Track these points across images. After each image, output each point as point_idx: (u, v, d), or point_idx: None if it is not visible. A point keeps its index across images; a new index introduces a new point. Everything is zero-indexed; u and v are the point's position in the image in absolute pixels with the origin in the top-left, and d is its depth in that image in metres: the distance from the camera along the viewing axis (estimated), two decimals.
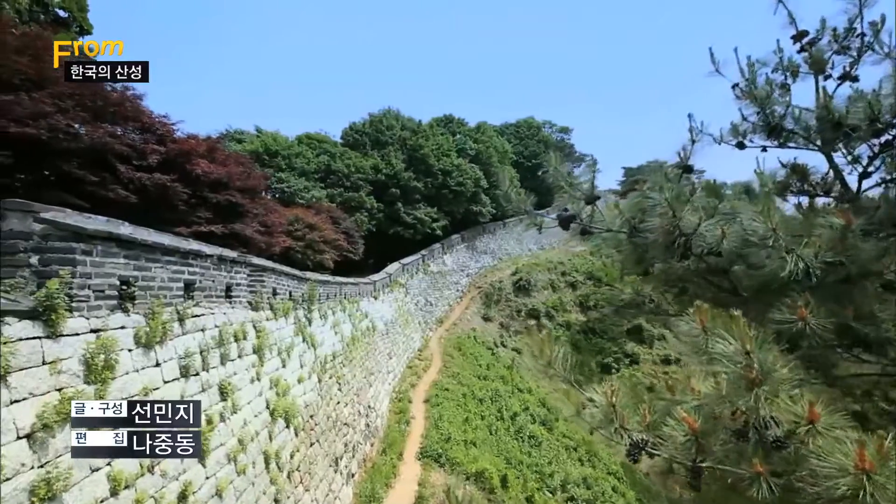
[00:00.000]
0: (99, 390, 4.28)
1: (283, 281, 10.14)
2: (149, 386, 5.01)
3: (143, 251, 5.28)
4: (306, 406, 9.85)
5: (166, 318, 5.57)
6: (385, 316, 23.45)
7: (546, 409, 26.42)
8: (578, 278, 41.38)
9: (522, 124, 58.25)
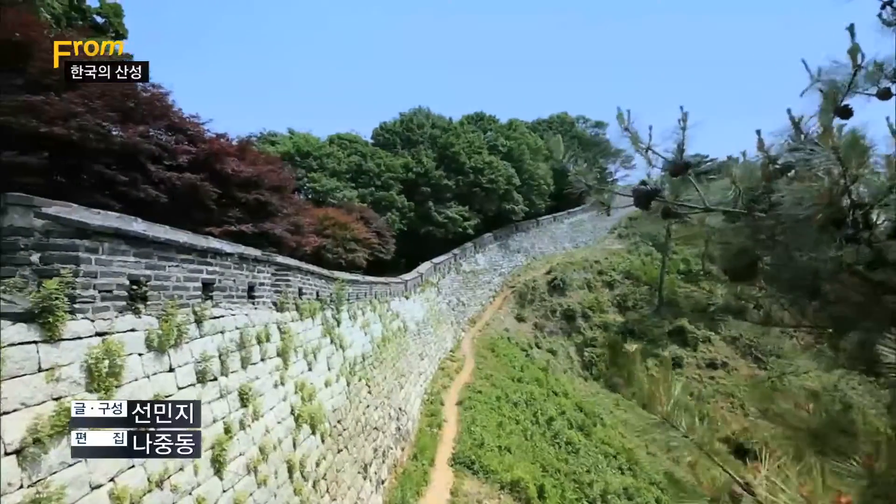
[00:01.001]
0: (102, 399, 3.95)
1: (309, 280, 9.83)
2: (160, 393, 4.68)
3: (155, 249, 4.97)
4: (334, 410, 9.49)
5: (181, 320, 5.25)
6: (416, 316, 23.08)
7: (583, 414, 25.39)
8: (616, 277, 39.85)
9: (555, 120, 56.85)
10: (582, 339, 33.92)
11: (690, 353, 31.40)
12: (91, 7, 13.73)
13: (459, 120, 43.26)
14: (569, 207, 52.29)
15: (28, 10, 9.21)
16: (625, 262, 42.76)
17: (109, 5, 13.95)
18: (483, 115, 45.71)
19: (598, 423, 25.12)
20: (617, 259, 43.71)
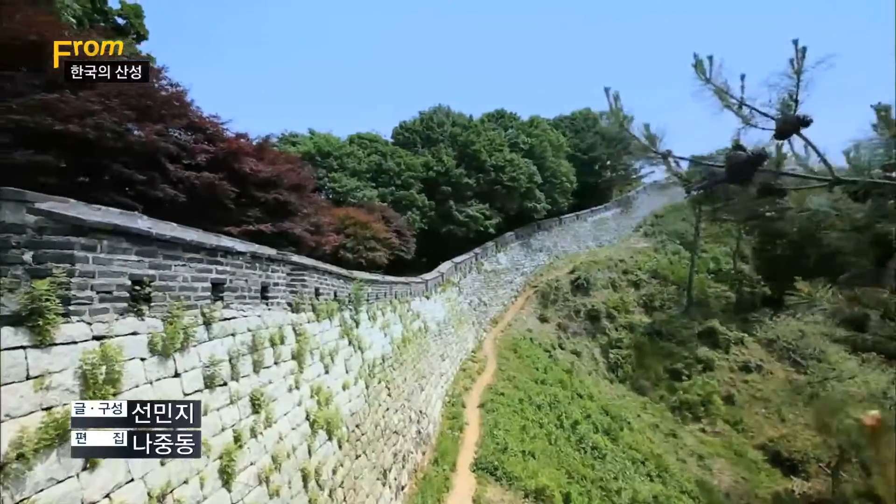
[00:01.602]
0: None
1: (326, 280, 9.55)
2: (164, 400, 4.39)
3: (160, 247, 4.70)
4: (352, 414, 9.18)
5: (188, 322, 4.98)
6: (437, 316, 22.72)
7: (609, 418, 24.59)
8: (642, 277, 38.69)
9: (578, 116, 55.62)
10: (607, 340, 32.99)
11: (722, 355, 30.13)
12: (112, 9, 13.83)
13: (480, 118, 42.75)
14: (592, 205, 51.19)
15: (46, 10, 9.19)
16: (651, 260, 41.51)
17: (130, 6, 14.02)
18: (504, 113, 45.08)
19: (624, 428, 24.30)
20: (643, 258, 42.49)
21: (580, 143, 51.42)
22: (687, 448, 24.22)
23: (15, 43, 7.88)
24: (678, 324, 32.95)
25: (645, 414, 27.28)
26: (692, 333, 31.89)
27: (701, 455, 23.62)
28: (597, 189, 53.73)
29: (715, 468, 22.87)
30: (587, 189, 50.15)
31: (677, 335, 32.05)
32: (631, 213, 55.00)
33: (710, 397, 27.15)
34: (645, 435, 24.76)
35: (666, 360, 30.80)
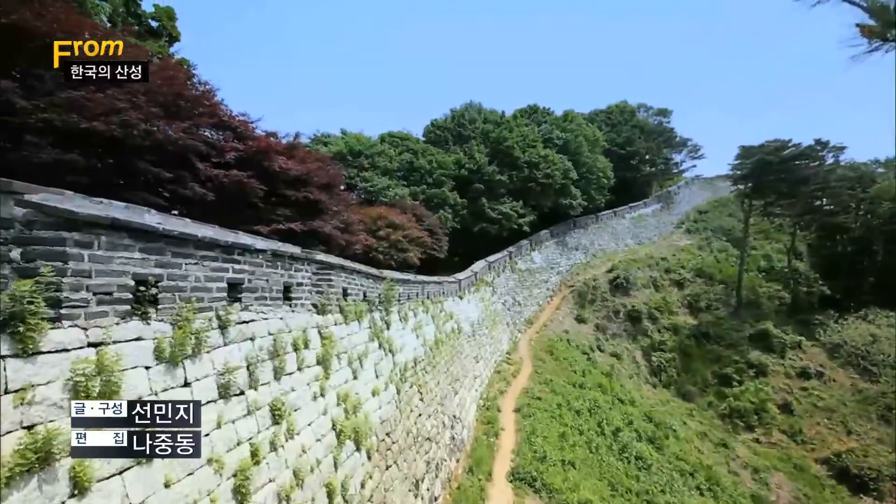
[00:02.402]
0: None
1: (355, 280, 9.09)
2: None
3: (169, 244, 4.29)
4: (382, 422, 8.68)
5: (201, 326, 4.55)
6: (471, 316, 22.08)
7: (653, 425, 23.29)
8: (685, 275, 36.74)
9: (614, 109, 53.73)
10: (649, 343, 31.43)
11: (776, 360, 28.07)
12: (146, 12, 13.95)
13: (512, 114, 41.83)
14: (630, 202, 49.28)
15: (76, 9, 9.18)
16: (695, 258, 39.42)
17: (162, 9, 14.11)
18: (537, 108, 44.01)
19: (670, 436, 22.96)
20: (686, 256, 40.43)
21: (616, 138, 49.61)
22: (740, 459, 22.60)
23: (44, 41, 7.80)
24: (727, 325, 31.01)
25: (692, 421, 25.72)
26: (743, 336, 29.91)
27: (756, 468, 21.95)
28: (635, 184, 51.69)
29: (772, 482, 21.18)
30: (625, 185, 48.30)
31: (726, 338, 30.15)
32: (672, 209, 52.60)
33: (764, 405, 25.29)
34: (692, 444, 23.30)
35: (714, 364, 29.01)
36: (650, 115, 56.60)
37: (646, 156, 51.03)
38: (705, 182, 60.90)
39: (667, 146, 54.61)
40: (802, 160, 32.16)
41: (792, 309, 30.99)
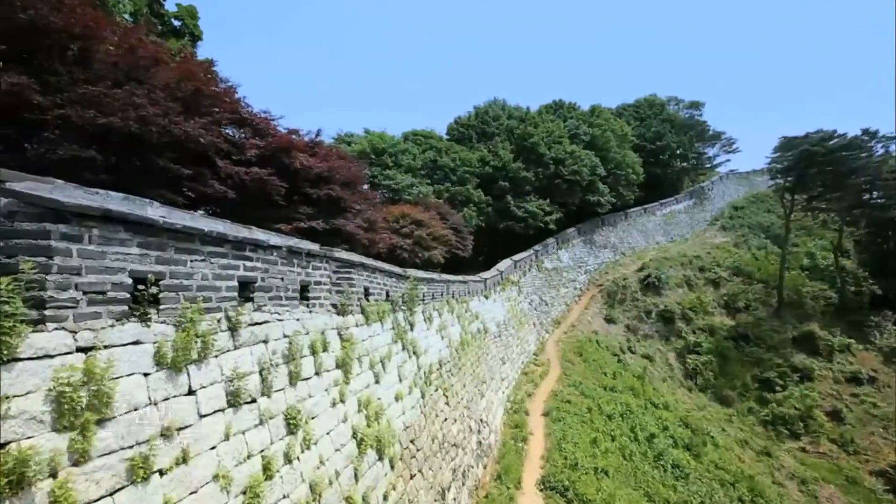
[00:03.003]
0: (77, 442, 2.88)
1: (377, 279, 8.67)
2: (172, 424, 3.59)
3: (171, 238, 3.92)
4: (406, 428, 8.23)
5: (208, 328, 4.18)
6: (497, 317, 21.49)
7: (690, 431, 22.16)
8: (721, 274, 35.13)
9: (643, 103, 52.03)
10: (683, 344, 30.11)
11: (823, 364, 26.38)
12: (169, 11, 13.93)
13: (537, 110, 40.97)
14: (660, 198, 47.61)
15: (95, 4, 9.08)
16: (732, 256, 37.67)
17: (185, 8, 14.07)
18: (562, 103, 42.96)
19: (708, 443, 21.80)
20: (721, 253, 38.69)
21: (646, 132, 48.02)
22: (785, 470, 21.25)
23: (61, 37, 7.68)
24: (767, 327, 29.40)
25: (731, 428, 24.41)
26: (785, 338, 28.29)
27: (803, 479, 20.58)
28: (666, 180, 49.90)
29: (822, 495, 19.81)
30: (654, 180, 46.68)
31: (767, 340, 28.57)
32: (705, 206, 50.58)
33: (811, 412, 23.76)
34: (733, 452, 22.07)
35: (754, 367, 27.52)
36: (681, 108, 54.62)
37: (677, 150, 49.14)
38: (741, 177, 58.39)
39: (699, 140, 52.61)
40: (850, 151, 30.13)
41: (839, 310, 29.12)
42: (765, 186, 51.13)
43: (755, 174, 58.69)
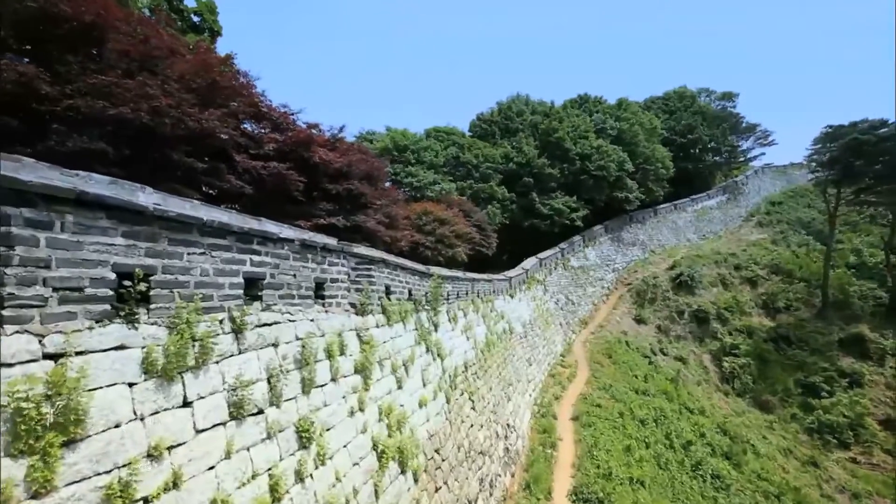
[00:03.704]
0: (37, 470, 2.38)
1: (399, 276, 8.12)
2: (161, 443, 3.08)
3: (164, 228, 3.43)
4: (430, 437, 7.66)
5: (207, 330, 3.68)
6: (522, 316, 20.76)
7: (729, 438, 20.96)
8: (759, 272, 33.42)
9: (672, 96, 50.23)
10: (719, 346, 28.69)
11: (874, 368, 24.63)
12: (188, 7, 13.74)
13: (562, 104, 39.87)
14: (691, 193, 45.83)
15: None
16: (770, 254, 35.83)
17: (204, 3, 13.87)
18: (587, 98, 41.74)
19: (748, 451, 20.56)
20: (759, 251, 36.87)
21: (675, 125, 46.33)
22: (834, 482, 19.83)
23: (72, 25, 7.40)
24: (811, 328, 27.71)
25: (773, 436, 23.02)
26: (831, 340, 26.58)
27: (855, 492, 19.15)
28: (697, 175, 48.05)
29: None
30: (685, 175, 44.97)
31: (811, 342, 26.92)
32: (740, 201, 48.47)
33: (861, 420, 22.16)
34: (776, 462, 20.77)
35: (797, 371, 25.94)
36: (713, 99, 52.53)
37: (709, 144, 47.20)
38: (777, 170, 55.78)
39: (732, 132, 50.40)
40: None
41: (890, 310, 27.19)
42: (804, 180, 48.64)
43: (793, 168, 56.00)
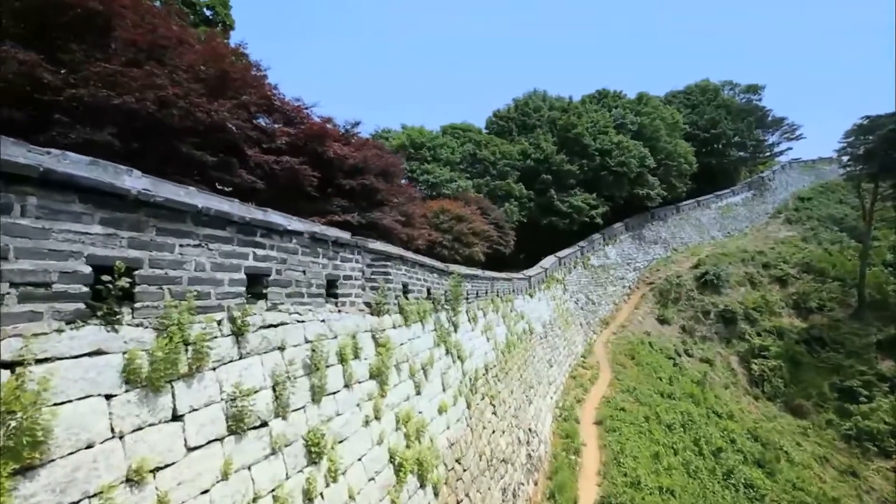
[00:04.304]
0: None
1: (417, 274, 7.64)
2: (144, 465, 2.64)
3: (152, 216, 2.99)
4: (451, 445, 7.15)
5: (202, 332, 3.23)
6: (542, 316, 20.12)
7: (760, 445, 20.02)
8: (789, 271, 32.07)
9: (694, 89, 48.79)
10: (747, 348, 27.56)
11: None
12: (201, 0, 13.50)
13: (580, 99, 38.96)
14: (715, 190, 44.40)
15: None
16: (800, 252, 34.39)
17: None
18: (606, 92, 40.77)
19: (781, 459, 19.57)
20: (788, 249, 35.44)
21: (698, 120, 44.96)
22: (875, 493, 18.76)
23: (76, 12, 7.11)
24: (847, 330, 26.41)
25: (807, 443, 21.93)
26: (868, 342, 25.28)
27: None
28: (720, 171, 46.57)
29: None
30: (708, 171, 43.58)
31: (846, 344, 25.64)
32: (766, 197, 46.82)
33: None
34: (811, 470, 19.73)
35: (832, 374, 24.71)
36: (737, 92, 50.84)
37: (733, 138, 45.64)
38: (805, 165, 53.76)
39: (758, 126, 48.71)
40: None
41: None
42: (834, 175, 46.84)
43: (821, 162, 53.96)
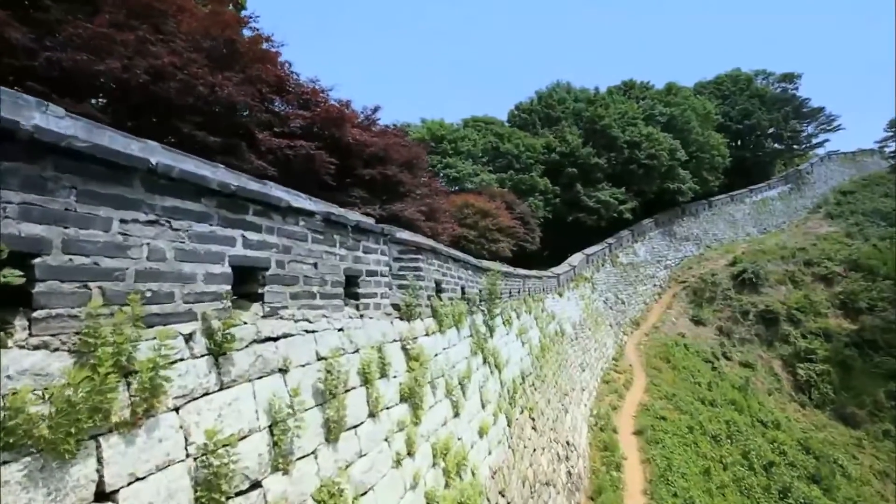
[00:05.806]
0: None
1: (451, 270, 6.47)
2: None
3: (70, 171, 1.87)
4: (493, 475, 5.97)
5: (154, 355, 2.10)
6: (572, 317, 18.78)
7: (813, 458, 18.33)
8: (834, 269, 29.91)
9: (725, 79, 46.53)
10: (791, 351, 25.68)
11: None
12: None
13: (606, 90, 37.29)
14: (748, 184, 42.17)
15: None
16: (846, 248, 32.13)
17: None
18: (633, 83, 39.04)
19: (837, 474, 17.87)
20: (831, 245, 33.20)
21: (730, 111, 42.82)
22: None
23: None
24: None
25: (863, 455, 20.13)
26: None
27: None
28: (755, 164, 44.28)
29: None
30: (741, 164, 41.43)
31: None
32: (804, 191, 44.32)
33: None
34: (871, 487, 17.99)
35: (888, 381, 22.77)
36: (771, 81, 48.30)
37: (768, 130, 43.34)
38: (846, 158, 50.85)
39: (794, 117, 46.17)
40: None
41: None
42: (877, 167, 44.18)
43: (863, 154, 51.04)
